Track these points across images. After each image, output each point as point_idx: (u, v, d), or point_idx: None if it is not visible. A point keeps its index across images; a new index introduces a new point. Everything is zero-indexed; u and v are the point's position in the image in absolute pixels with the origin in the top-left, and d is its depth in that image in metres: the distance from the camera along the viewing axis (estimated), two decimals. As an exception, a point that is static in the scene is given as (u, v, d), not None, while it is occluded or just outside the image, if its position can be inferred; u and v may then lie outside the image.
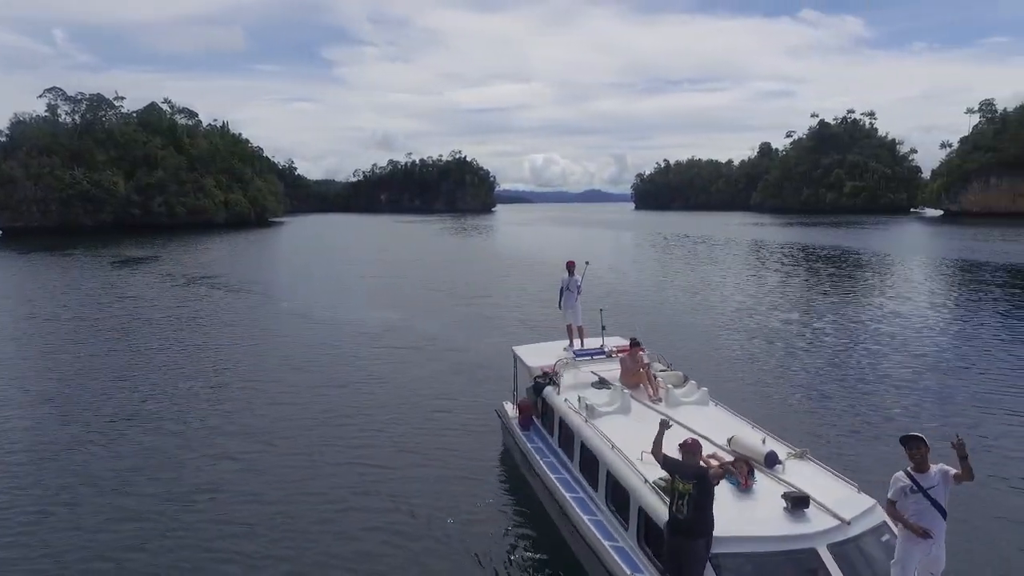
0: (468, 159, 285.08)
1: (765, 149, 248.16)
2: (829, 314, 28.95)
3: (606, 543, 7.91)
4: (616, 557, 7.62)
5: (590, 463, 9.13)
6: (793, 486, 7.25)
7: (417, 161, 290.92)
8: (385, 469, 12.69)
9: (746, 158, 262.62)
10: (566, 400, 10.53)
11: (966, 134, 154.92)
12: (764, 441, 8.42)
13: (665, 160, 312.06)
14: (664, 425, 7.34)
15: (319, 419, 15.63)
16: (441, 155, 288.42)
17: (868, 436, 14.21)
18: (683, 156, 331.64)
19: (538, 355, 12.78)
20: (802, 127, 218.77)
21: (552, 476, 9.92)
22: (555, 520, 9.93)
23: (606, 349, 12.75)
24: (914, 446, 6.25)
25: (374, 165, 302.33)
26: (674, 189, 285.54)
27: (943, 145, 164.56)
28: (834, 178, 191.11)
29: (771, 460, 7.91)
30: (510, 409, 12.96)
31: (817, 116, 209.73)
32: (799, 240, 79.68)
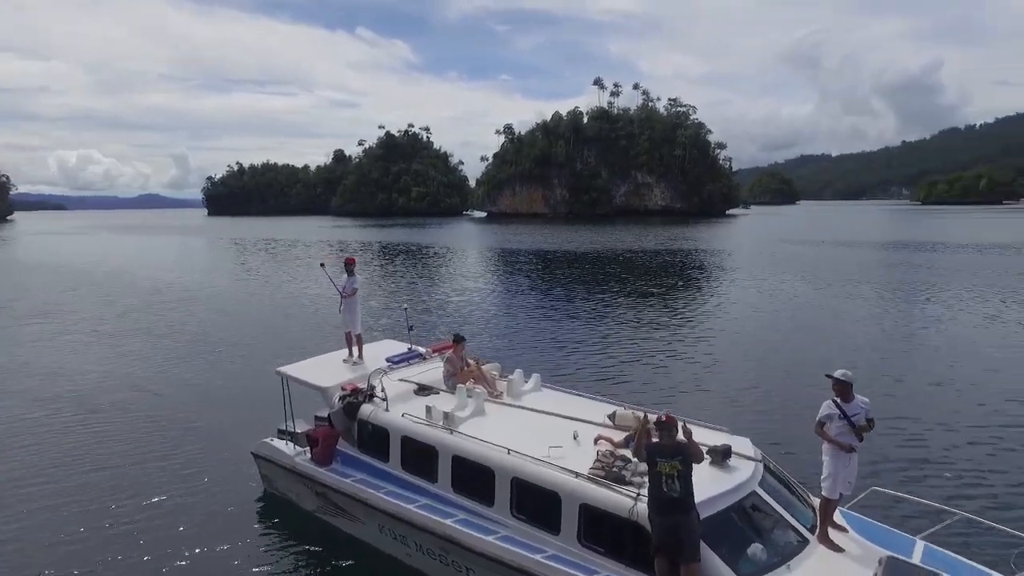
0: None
1: (340, 156, 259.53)
2: (450, 292, 33.53)
3: (536, 556, 7.15)
4: (557, 566, 6.97)
5: (475, 477, 8.05)
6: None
7: None
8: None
9: (322, 163, 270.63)
10: (405, 415, 9.10)
11: (497, 151, 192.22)
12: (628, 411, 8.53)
13: (239, 163, 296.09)
14: (644, 422, 7.04)
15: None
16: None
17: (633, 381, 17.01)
18: (258, 160, 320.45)
19: (323, 372, 10.80)
20: (371, 137, 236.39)
21: (409, 507, 8.46)
22: (411, 557, 8.66)
23: (421, 351, 11.40)
24: (837, 384, 7.16)
25: None
26: (250, 194, 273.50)
27: (482, 159, 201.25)
28: (403, 184, 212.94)
29: None
30: (285, 446, 10.55)
31: (384, 128, 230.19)
32: (382, 239, 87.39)
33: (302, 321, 27.31)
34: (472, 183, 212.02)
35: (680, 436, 6.61)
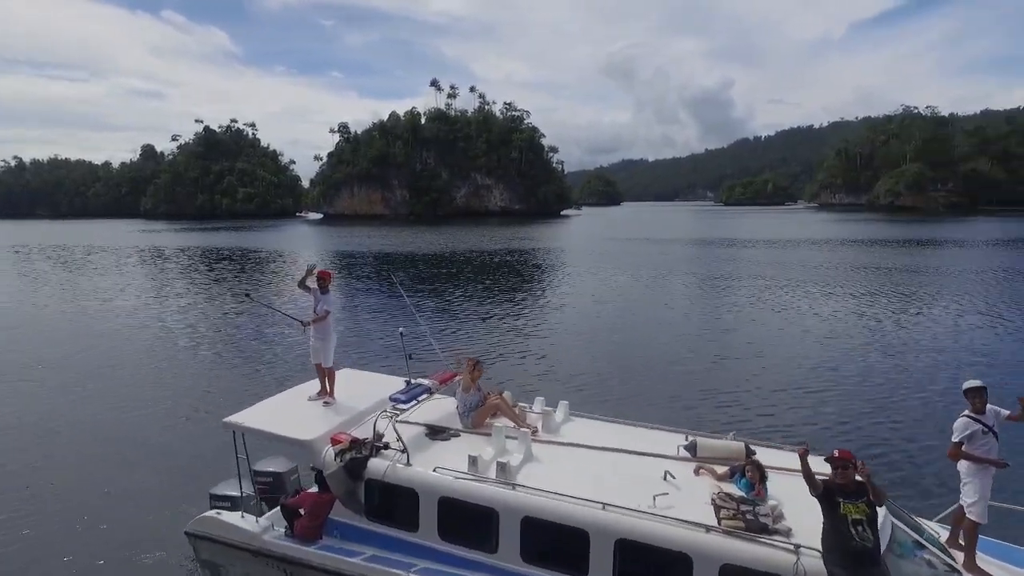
0: None
1: (149, 152, 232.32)
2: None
3: None
4: None
5: (559, 542, 6.52)
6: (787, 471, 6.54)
7: None
8: None
9: (128, 160, 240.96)
10: (437, 469, 7.19)
11: (332, 150, 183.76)
12: (687, 438, 7.47)
13: (17, 158, 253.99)
14: (805, 455, 5.75)
15: None
16: None
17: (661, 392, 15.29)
18: (42, 154, 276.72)
19: (294, 419, 8.35)
20: (186, 131, 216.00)
21: None
22: None
23: (428, 383, 9.08)
24: (977, 395, 6.71)
25: None
26: (35, 193, 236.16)
27: (316, 158, 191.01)
28: (227, 184, 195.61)
29: (749, 453, 7.13)
30: (241, 520, 8.14)
31: (202, 122, 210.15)
32: (202, 243, 79.23)
33: (202, 354, 21.30)
34: (306, 183, 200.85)
35: (857, 476, 5.59)
